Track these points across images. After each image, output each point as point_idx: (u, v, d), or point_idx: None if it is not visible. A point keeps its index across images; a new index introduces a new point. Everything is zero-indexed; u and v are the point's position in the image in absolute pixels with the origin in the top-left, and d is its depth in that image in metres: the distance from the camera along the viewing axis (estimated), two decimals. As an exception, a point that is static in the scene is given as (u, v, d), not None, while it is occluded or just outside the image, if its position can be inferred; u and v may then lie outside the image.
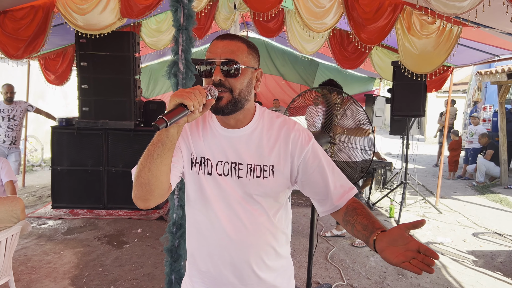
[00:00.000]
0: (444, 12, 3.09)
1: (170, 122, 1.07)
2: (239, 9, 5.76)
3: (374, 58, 6.80)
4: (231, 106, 1.28)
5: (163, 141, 1.16)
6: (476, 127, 9.66)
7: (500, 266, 4.18)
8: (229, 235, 1.36)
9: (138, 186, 1.23)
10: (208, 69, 1.28)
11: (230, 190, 1.36)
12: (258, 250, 1.40)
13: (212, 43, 1.31)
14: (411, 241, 1.06)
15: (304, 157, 1.38)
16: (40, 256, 4.08)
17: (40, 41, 4.73)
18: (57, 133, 5.68)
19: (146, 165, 1.19)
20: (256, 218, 1.38)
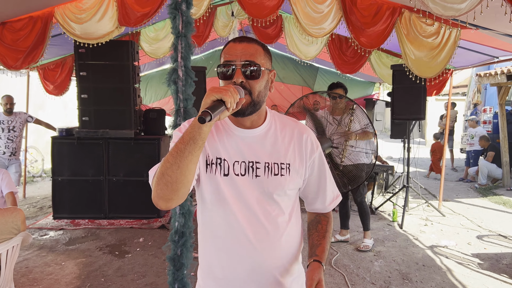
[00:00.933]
0: (442, 14, 3.09)
1: (214, 115, 1.08)
2: (237, 16, 5.78)
3: (374, 62, 6.80)
4: (250, 108, 1.31)
5: (195, 138, 1.15)
6: (475, 129, 9.65)
7: (506, 269, 4.14)
8: (249, 237, 1.34)
9: (163, 185, 1.19)
10: (228, 71, 1.29)
11: (247, 190, 1.35)
12: (279, 252, 1.40)
13: (229, 46, 1.33)
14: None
15: (313, 159, 1.44)
16: (41, 267, 4.05)
17: (39, 51, 4.74)
18: (58, 143, 5.66)
19: (175, 163, 1.16)
20: (274, 218, 1.37)
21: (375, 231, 5.27)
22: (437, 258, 4.41)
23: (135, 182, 5.60)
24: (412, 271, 4.05)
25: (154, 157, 5.60)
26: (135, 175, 5.59)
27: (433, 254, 4.52)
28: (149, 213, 5.61)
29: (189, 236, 2.74)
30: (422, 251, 4.61)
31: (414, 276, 3.92)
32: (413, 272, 4.01)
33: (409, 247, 4.71)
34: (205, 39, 6.41)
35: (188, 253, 2.72)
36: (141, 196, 5.59)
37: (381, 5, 4.35)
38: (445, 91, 6.75)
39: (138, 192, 5.60)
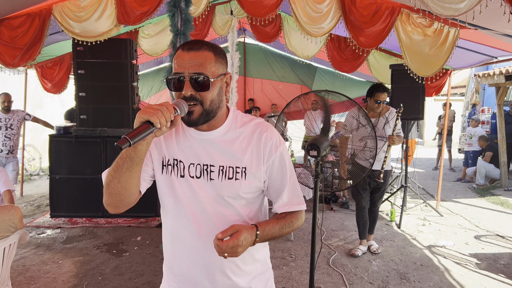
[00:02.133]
0: (442, 14, 3.09)
1: (134, 141, 1.06)
2: (236, 15, 5.77)
3: (371, 61, 6.80)
4: (203, 118, 1.29)
5: (131, 157, 1.18)
6: (475, 129, 9.66)
7: (503, 269, 4.15)
8: (201, 238, 1.37)
9: (108, 195, 1.27)
10: (177, 83, 1.26)
11: (202, 192, 1.36)
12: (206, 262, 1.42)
13: (178, 54, 1.28)
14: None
15: (272, 161, 1.39)
16: (38, 266, 4.03)
17: (36, 49, 4.72)
18: (55, 142, 5.65)
19: (115, 177, 1.22)
20: (228, 220, 1.36)
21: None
22: (435, 258, 4.41)
23: (133, 180, 5.58)
24: (410, 270, 4.05)
25: (152, 156, 5.58)
26: (133, 174, 5.57)
27: (431, 254, 4.52)
28: (146, 212, 5.60)
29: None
30: (420, 251, 4.61)
31: (412, 276, 3.92)
32: (411, 272, 4.01)
33: (407, 247, 4.71)
34: (204, 38, 6.40)
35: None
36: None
37: (380, 4, 4.35)
38: (444, 91, 6.75)
39: (136, 191, 5.58)
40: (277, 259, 4.29)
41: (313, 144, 3.03)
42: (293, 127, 6.87)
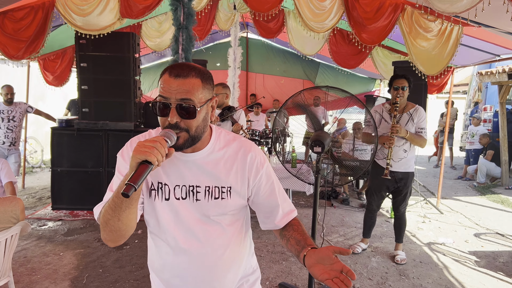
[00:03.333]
0: (444, 11, 3.08)
1: (138, 185, 1.09)
2: (239, 10, 5.76)
3: (376, 57, 6.79)
4: (188, 143, 1.28)
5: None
6: (476, 127, 9.64)
7: (503, 267, 4.16)
8: (190, 258, 1.39)
9: (108, 232, 1.26)
10: (163, 108, 1.24)
11: (187, 213, 1.37)
12: (221, 269, 1.44)
13: (164, 78, 1.25)
14: (336, 262, 1.20)
15: (258, 180, 1.42)
16: (40, 257, 4.06)
17: (40, 41, 4.73)
18: (57, 134, 5.66)
19: (114, 216, 1.21)
20: (215, 238, 1.40)
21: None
22: (434, 255, 4.43)
23: (134, 174, 5.60)
24: (409, 267, 4.07)
25: (153, 150, 5.59)
26: (135, 167, 5.59)
27: (430, 251, 4.53)
28: (147, 206, 5.62)
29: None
30: (419, 248, 4.62)
31: (411, 273, 3.93)
32: (410, 269, 4.03)
33: (406, 244, 4.72)
34: (207, 32, 6.40)
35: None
36: (140, 188, 5.60)
37: (383, 1, 4.34)
38: (446, 89, 6.74)
39: (137, 185, 5.61)
40: (276, 254, 4.31)
41: (317, 140, 3.03)
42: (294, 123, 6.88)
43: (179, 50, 2.50)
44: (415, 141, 3.90)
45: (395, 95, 3.87)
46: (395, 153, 3.99)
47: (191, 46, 2.52)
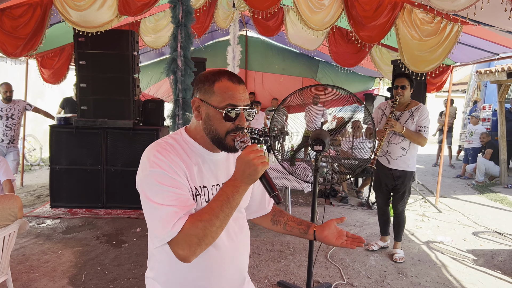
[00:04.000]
0: (443, 9, 3.08)
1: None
2: (238, 8, 5.75)
3: (375, 56, 6.78)
4: None
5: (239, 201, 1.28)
6: (475, 126, 9.65)
7: (501, 265, 4.16)
8: (221, 254, 1.40)
9: (204, 246, 1.22)
10: (233, 115, 1.32)
11: None
12: (245, 264, 1.55)
13: (229, 85, 1.32)
14: (339, 230, 1.58)
15: None
16: (38, 255, 4.05)
17: (38, 38, 4.71)
18: (56, 132, 5.65)
19: (222, 225, 1.24)
20: (242, 233, 1.50)
21: (372, 226, 5.29)
22: (433, 253, 4.43)
23: (133, 172, 5.52)
24: (407, 266, 4.07)
25: (152, 148, 5.58)
26: (133, 165, 5.59)
27: (428, 250, 4.54)
28: (146, 204, 5.61)
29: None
30: (418, 247, 4.63)
31: (409, 271, 3.94)
32: (409, 267, 4.03)
33: (405, 242, 4.72)
34: (205, 30, 6.39)
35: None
36: (138, 186, 5.60)
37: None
38: (445, 88, 6.74)
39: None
40: (275, 252, 4.31)
41: (318, 139, 3.03)
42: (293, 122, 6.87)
43: (178, 48, 2.49)
44: (413, 138, 3.89)
45: (395, 93, 3.94)
46: (392, 150, 4.03)
47: (189, 44, 2.51)
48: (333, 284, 3.59)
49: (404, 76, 3.95)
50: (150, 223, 1.26)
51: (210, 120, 1.33)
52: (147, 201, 1.24)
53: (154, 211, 1.23)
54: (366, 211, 6.07)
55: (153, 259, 1.46)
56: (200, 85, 1.36)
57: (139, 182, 1.30)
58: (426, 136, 3.92)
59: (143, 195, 1.27)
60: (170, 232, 1.19)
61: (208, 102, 1.32)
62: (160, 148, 1.30)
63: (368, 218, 5.68)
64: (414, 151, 4.05)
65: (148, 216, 1.26)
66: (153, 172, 1.24)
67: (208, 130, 1.34)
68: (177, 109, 2.50)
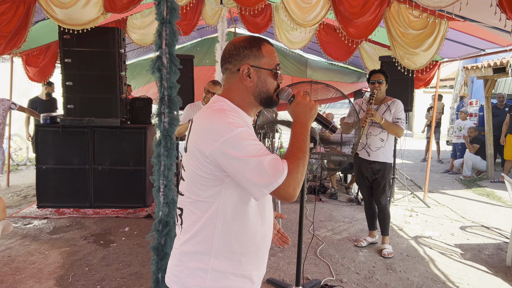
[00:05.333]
0: (429, 5, 3.08)
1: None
2: (225, 4, 5.70)
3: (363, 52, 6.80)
4: None
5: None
6: (464, 122, 9.74)
7: (488, 259, 4.21)
8: (270, 223, 1.50)
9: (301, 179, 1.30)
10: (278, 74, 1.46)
11: None
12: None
13: (270, 49, 1.44)
14: (274, 223, 1.66)
15: None
16: (24, 256, 4.00)
17: (21, 36, 4.63)
18: (42, 131, 5.57)
19: (308, 159, 1.37)
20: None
21: (361, 221, 5.32)
22: (421, 248, 4.47)
23: (121, 171, 5.55)
24: (396, 261, 4.10)
25: (140, 146, 5.54)
26: (121, 164, 5.54)
27: (417, 245, 4.57)
28: (135, 203, 5.58)
29: (173, 225, 2.72)
30: (406, 242, 4.66)
31: (398, 266, 3.96)
32: (397, 262, 4.06)
33: (393, 238, 4.75)
34: (193, 27, 6.32)
35: (172, 243, 2.70)
36: (127, 185, 5.56)
37: (370, -5, 4.33)
38: (433, 83, 6.79)
39: (124, 181, 5.56)
40: (265, 249, 4.30)
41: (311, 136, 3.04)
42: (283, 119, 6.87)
43: (163, 45, 2.45)
44: (391, 129, 4.05)
45: (373, 88, 4.14)
46: (372, 142, 4.15)
47: (174, 41, 2.48)
48: (322, 281, 3.60)
49: (380, 72, 4.17)
50: (253, 178, 1.24)
51: (263, 82, 1.41)
52: (244, 159, 1.24)
53: (257, 163, 1.24)
54: (355, 207, 6.10)
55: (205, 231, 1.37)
56: (246, 51, 1.39)
57: (221, 147, 1.26)
58: (403, 127, 4.09)
59: (237, 156, 1.24)
60: (282, 174, 1.24)
61: (260, 66, 1.40)
62: (228, 112, 1.33)
63: (357, 214, 5.70)
64: (391, 143, 4.22)
65: (250, 172, 1.24)
66: (239, 131, 1.26)
67: (259, 92, 1.41)
68: (163, 107, 2.46)
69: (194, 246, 1.38)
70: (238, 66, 1.38)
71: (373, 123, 4.09)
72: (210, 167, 1.29)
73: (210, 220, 1.34)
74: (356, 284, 3.57)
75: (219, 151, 1.26)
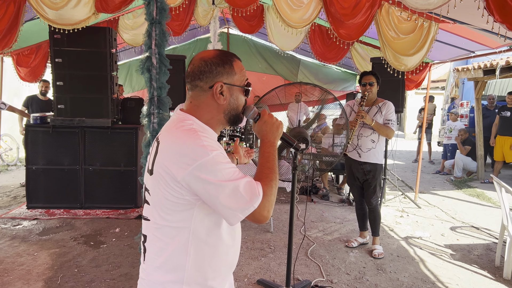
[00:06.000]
0: (417, 8, 3.10)
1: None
2: (217, 5, 5.70)
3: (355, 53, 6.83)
4: None
5: None
6: (454, 123, 9.82)
7: (477, 259, 4.24)
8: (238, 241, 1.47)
9: (273, 201, 1.32)
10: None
11: None
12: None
13: (241, 64, 1.44)
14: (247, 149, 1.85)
15: None
16: (13, 258, 3.96)
17: (12, 36, 4.59)
18: (32, 131, 5.53)
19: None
20: None
21: (351, 222, 5.34)
22: (411, 249, 4.49)
23: (112, 171, 5.52)
24: (386, 261, 4.11)
25: (131, 147, 5.52)
26: (112, 165, 5.51)
27: (407, 245, 4.60)
28: (126, 203, 5.55)
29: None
30: (397, 242, 4.69)
31: (388, 267, 3.98)
32: (387, 263, 4.08)
33: (384, 238, 4.78)
34: (186, 27, 6.31)
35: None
36: (118, 186, 5.53)
37: (361, -3, 4.35)
38: (424, 85, 6.83)
39: (115, 182, 5.53)
40: (255, 250, 4.30)
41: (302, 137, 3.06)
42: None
43: (152, 45, 2.45)
44: (381, 131, 4.07)
45: (364, 90, 4.15)
46: (363, 143, 4.18)
47: (164, 41, 2.47)
48: (312, 282, 3.60)
49: (370, 74, 4.18)
50: (228, 203, 1.20)
51: (236, 99, 1.40)
52: (220, 184, 1.19)
53: (233, 188, 1.20)
54: (347, 208, 6.12)
55: (174, 260, 1.29)
56: (219, 68, 1.35)
57: (196, 172, 1.19)
58: (393, 128, 4.12)
59: (210, 182, 1.19)
60: (258, 198, 1.23)
61: (232, 83, 1.38)
62: (200, 134, 1.28)
63: (348, 215, 5.72)
64: (382, 144, 4.24)
65: (225, 197, 1.20)
66: (214, 155, 1.21)
67: (230, 109, 1.39)
68: (152, 107, 2.45)
69: (164, 276, 1.30)
70: (211, 84, 1.33)
71: (364, 124, 4.12)
72: (181, 191, 1.23)
73: (181, 246, 1.27)
74: (346, 285, 3.58)
75: (193, 176, 1.20)
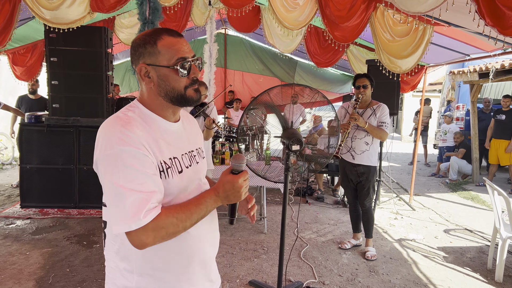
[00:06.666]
0: (409, 11, 3.11)
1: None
2: (214, 5, 5.70)
3: (350, 55, 6.84)
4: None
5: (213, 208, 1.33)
6: (449, 125, 9.85)
7: (469, 262, 4.25)
8: (205, 231, 1.39)
9: (164, 240, 1.20)
10: (189, 68, 1.27)
11: (191, 180, 1.36)
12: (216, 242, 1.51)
13: (172, 40, 1.25)
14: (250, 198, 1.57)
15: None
16: (5, 257, 3.94)
17: (6, 35, 4.59)
18: (26, 130, 5.50)
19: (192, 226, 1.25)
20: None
21: (346, 224, 5.34)
22: (404, 251, 4.50)
23: (107, 171, 5.50)
24: (379, 263, 4.12)
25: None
26: (107, 165, 5.49)
27: (400, 247, 4.60)
28: (120, 203, 5.53)
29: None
30: (390, 244, 4.69)
31: (381, 269, 3.99)
32: (380, 265, 4.08)
33: (378, 240, 4.78)
34: (183, 28, 6.30)
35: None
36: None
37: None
38: (421, 87, 6.85)
39: (110, 182, 5.51)
40: (249, 251, 4.30)
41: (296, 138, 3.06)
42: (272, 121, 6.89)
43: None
44: (375, 133, 4.07)
45: (358, 93, 4.15)
46: (357, 145, 4.18)
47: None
48: (304, 283, 3.60)
49: (364, 76, 4.18)
50: (115, 208, 1.13)
51: (165, 81, 1.25)
52: (112, 184, 1.12)
53: (121, 196, 1.11)
54: (341, 209, 6.12)
55: (125, 248, 1.26)
56: (140, 49, 1.25)
57: (99, 161, 1.17)
58: (387, 131, 4.12)
59: (107, 177, 1.14)
60: (141, 221, 1.11)
61: (156, 63, 1.24)
62: (124, 123, 1.18)
63: (343, 217, 5.72)
64: (376, 147, 4.24)
65: (112, 200, 1.14)
66: (122, 150, 1.13)
67: (164, 92, 1.26)
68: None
69: (120, 263, 1.29)
70: (138, 66, 1.26)
71: (358, 126, 4.12)
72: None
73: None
74: (338, 286, 3.58)
75: (97, 165, 1.19)
